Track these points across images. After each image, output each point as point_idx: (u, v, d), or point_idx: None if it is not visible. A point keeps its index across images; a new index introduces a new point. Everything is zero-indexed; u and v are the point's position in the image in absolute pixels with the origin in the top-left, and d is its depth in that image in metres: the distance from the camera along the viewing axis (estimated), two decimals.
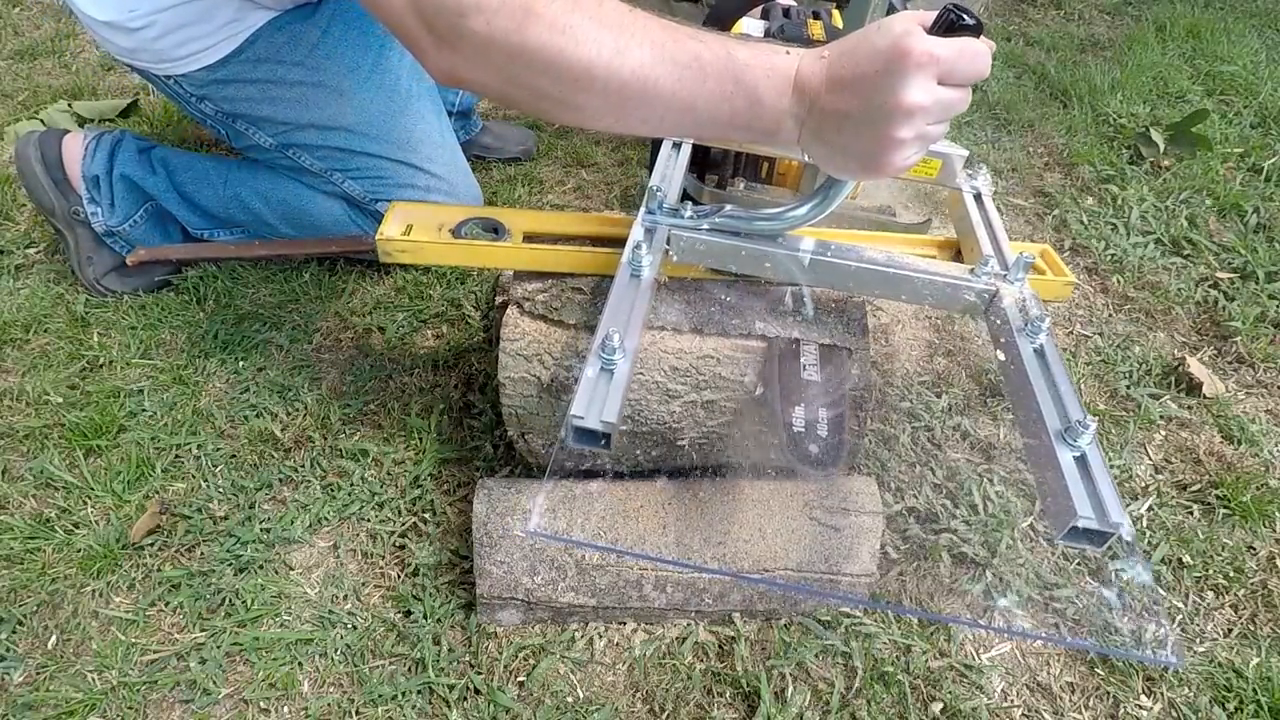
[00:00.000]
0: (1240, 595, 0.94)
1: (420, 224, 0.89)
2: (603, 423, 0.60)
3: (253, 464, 1.08)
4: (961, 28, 0.61)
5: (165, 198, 1.30)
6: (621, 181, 1.64)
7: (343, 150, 1.22)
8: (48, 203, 1.29)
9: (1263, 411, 1.17)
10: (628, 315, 0.70)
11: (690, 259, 0.83)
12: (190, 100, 1.19)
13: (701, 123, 0.69)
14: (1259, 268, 1.39)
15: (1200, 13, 2.41)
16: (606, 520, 0.88)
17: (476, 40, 0.66)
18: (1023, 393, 0.71)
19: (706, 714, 0.83)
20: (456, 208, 0.92)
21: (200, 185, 1.30)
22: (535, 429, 0.90)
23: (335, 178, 1.24)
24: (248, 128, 1.21)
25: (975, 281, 0.81)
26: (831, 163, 0.69)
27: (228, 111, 1.19)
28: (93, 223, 1.29)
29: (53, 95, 1.91)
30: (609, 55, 0.65)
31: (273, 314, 1.30)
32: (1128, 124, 1.80)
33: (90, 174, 1.28)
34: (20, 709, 0.83)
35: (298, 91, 1.17)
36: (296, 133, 1.20)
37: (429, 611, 0.91)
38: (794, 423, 0.78)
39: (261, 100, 1.17)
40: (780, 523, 0.89)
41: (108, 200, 1.28)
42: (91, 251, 1.31)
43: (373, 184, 1.25)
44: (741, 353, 0.84)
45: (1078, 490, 0.61)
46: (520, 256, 0.87)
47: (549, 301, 0.86)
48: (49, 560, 0.96)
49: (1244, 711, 0.83)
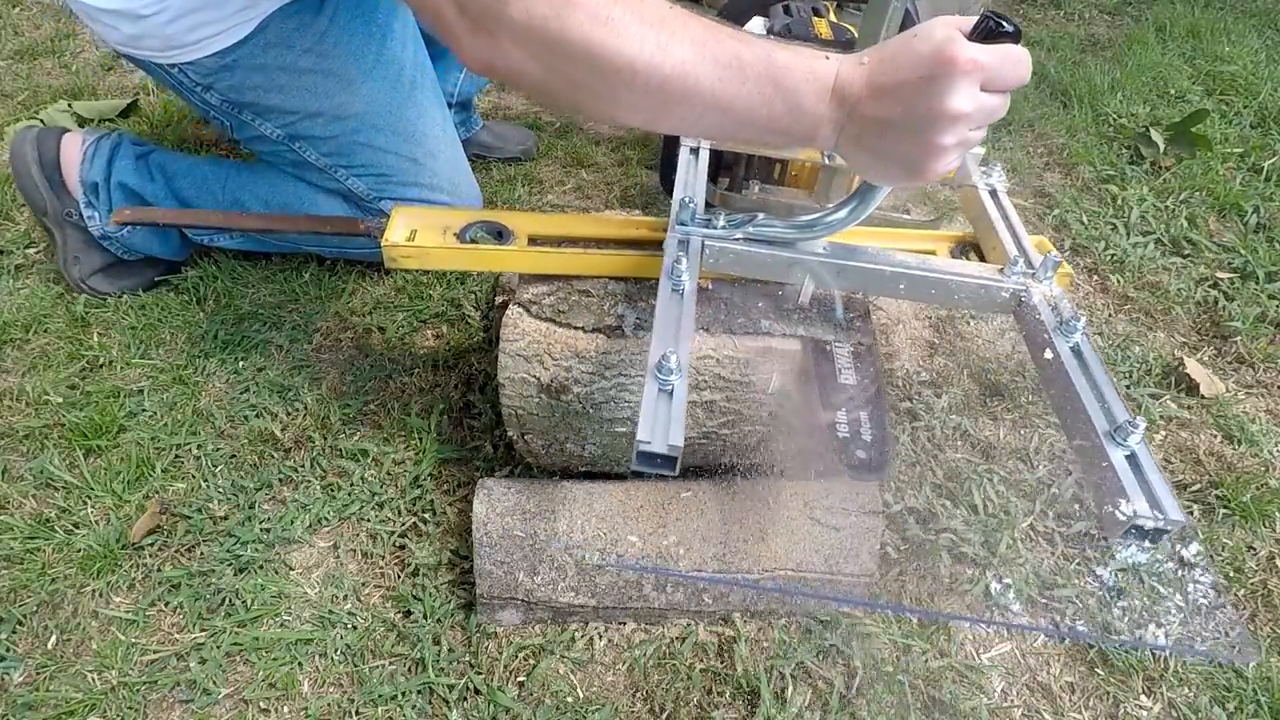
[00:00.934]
0: (1240, 595, 0.94)
1: (424, 228, 0.89)
2: (670, 447, 0.60)
3: (253, 464, 1.08)
4: (1001, 34, 0.60)
5: (165, 204, 1.30)
6: (621, 182, 1.64)
7: (349, 142, 1.21)
8: (40, 202, 1.28)
9: (1262, 411, 1.17)
10: (675, 331, 0.70)
11: (722, 268, 0.83)
12: (195, 90, 1.17)
13: (740, 124, 0.68)
14: (1259, 268, 1.39)
15: (1200, 13, 2.41)
16: (607, 520, 0.88)
17: (515, 28, 0.65)
18: (1067, 393, 0.70)
19: (706, 714, 0.83)
20: (460, 211, 0.92)
21: (199, 191, 1.30)
22: (535, 429, 0.90)
23: (339, 174, 1.24)
24: (253, 118, 1.19)
25: (1006, 281, 0.82)
26: (872, 169, 0.68)
27: (234, 101, 1.17)
28: (89, 227, 1.28)
29: (53, 95, 1.91)
30: (651, 50, 0.64)
31: (273, 314, 1.30)
32: (1128, 124, 1.80)
33: (89, 180, 1.27)
34: (20, 709, 0.83)
35: (307, 80, 1.15)
36: (304, 122, 1.19)
37: (429, 611, 0.91)
38: (838, 429, 0.77)
39: (270, 89, 1.16)
40: (780, 523, 0.89)
41: (106, 206, 1.27)
42: (79, 251, 1.30)
43: (377, 181, 1.24)
44: (741, 353, 0.84)
45: (1133, 488, 0.61)
46: (526, 260, 0.87)
47: (556, 305, 0.86)
48: (49, 560, 0.96)
49: (1244, 711, 0.83)
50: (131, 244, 1.30)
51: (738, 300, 0.88)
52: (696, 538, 0.88)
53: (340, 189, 1.26)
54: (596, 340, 0.83)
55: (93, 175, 1.27)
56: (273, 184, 1.28)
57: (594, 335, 0.84)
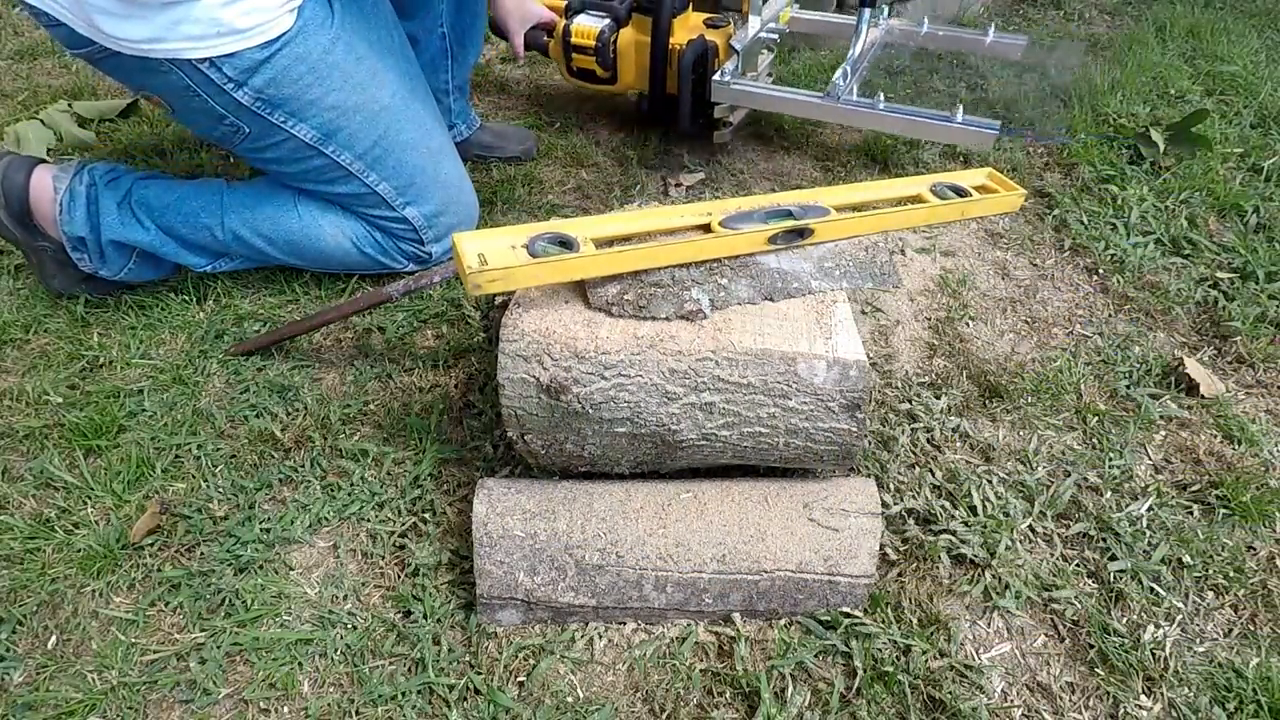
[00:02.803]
0: (1240, 595, 0.94)
1: (490, 251, 0.85)
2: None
3: (253, 464, 1.08)
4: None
5: (163, 250, 1.27)
6: (622, 181, 1.64)
7: (384, 141, 1.19)
8: (10, 236, 1.24)
9: (1263, 411, 1.17)
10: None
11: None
12: (223, 90, 1.08)
13: None
14: (1259, 268, 1.39)
15: (1200, 13, 2.41)
16: (607, 520, 0.88)
17: None
18: None
19: (706, 714, 0.83)
20: (513, 229, 0.90)
21: (193, 228, 1.26)
22: (535, 429, 0.90)
23: (370, 177, 1.21)
24: (287, 119, 1.13)
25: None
26: None
27: (270, 98, 1.10)
28: (80, 268, 1.25)
29: (53, 95, 1.91)
30: None
31: (272, 314, 1.30)
32: (1128, 124, 1.80)
33: (73, 235, 1.22)
34: (20, 709, 0.83)
35: (343, 72, 1.12)
36: (344, 119, 1.14)
37: (429, 611, 0.91)
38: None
39: (312, 82, 1.10)
40: (780, 524, 0.89)
41: (98, 256, 1.25)
42: (55, 271, 1.27)
43: (406, 184, 1.23)
44: (741, 355, 0.84)
45: None
46: (604, 263, 0.86)
47: (636, 301, 0.86)
48: (49, 560, 0.96)
49: (1244, 711, 0.84)
50: (128, 279, 1.29)
51: (786, 267, 0.92)
52: (696, 538, 0.88)
53: (364, 190, 1.24)
54: (597, 340, 0.83)
55: (76, 230, 1.22)
56: (272, 217, 1.26)
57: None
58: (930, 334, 1.29)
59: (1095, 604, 0.93)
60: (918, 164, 1.68)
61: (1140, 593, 0.94)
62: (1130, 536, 0.99)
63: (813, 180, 1.66)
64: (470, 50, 1.61)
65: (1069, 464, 1.08)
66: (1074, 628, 0.91)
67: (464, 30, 1.56)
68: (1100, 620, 0.91)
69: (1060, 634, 0.91)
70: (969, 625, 0.91)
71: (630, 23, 1.62)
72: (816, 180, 1.66)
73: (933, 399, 1.16)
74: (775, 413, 0.86)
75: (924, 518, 1.00)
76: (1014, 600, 0.92)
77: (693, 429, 0.88)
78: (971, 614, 0.92)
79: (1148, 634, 0.89)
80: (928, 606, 0.91)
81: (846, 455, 0.90)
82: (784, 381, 0.84)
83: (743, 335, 0.85)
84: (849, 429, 0.87)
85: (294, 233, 1.26)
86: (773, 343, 0.84)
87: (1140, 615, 0.92)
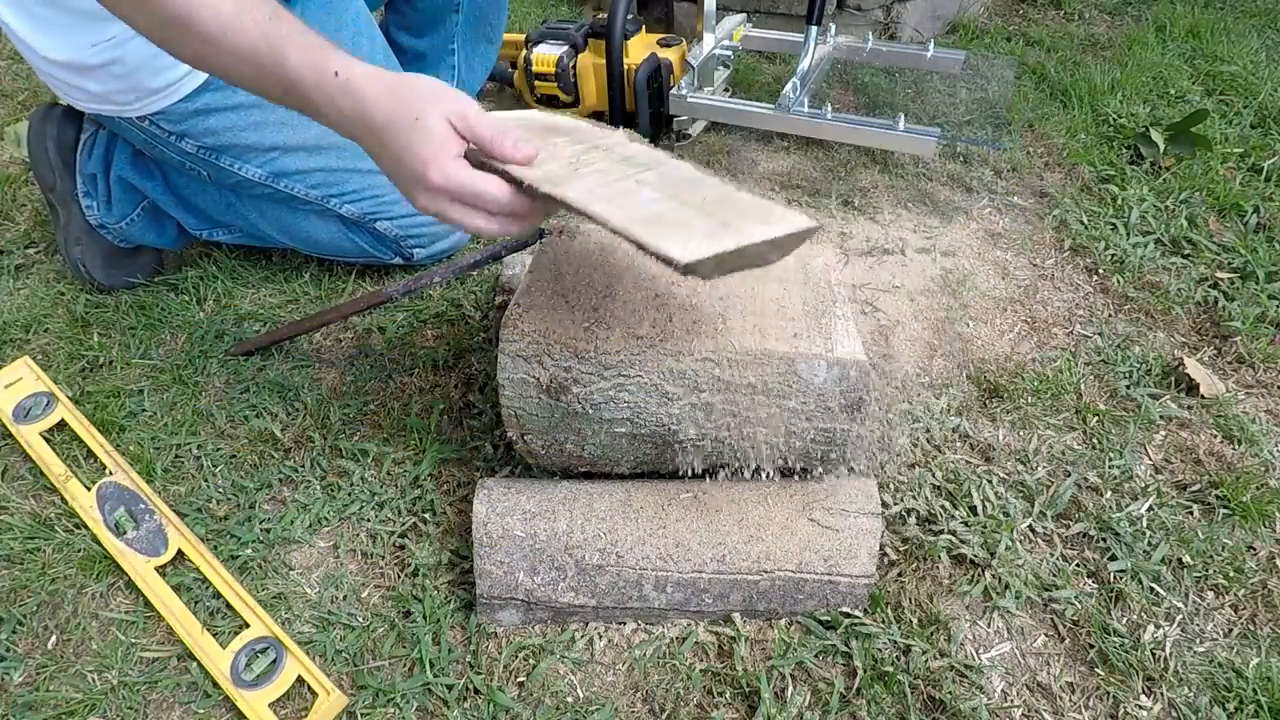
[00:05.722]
0: (1240, 595, 0.94)
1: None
2: None
3: (253, 464, 1.08)
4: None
5: (163, 200, 1.30)
6: None
7: (335, 170, 1.20)
8: (49, 178, 1.28)
9: (1263, 411, 1.17)
10: None
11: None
12: (169, 141, 1.14)
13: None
14: (1259, 268, 1.39)
15: (1200, 13, 2.41)
16: (607, 520, 0.88)
17: None
18: None
19: (706, 714, 0.83)
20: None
21: (197, 192, 1.29)
22: (535, 429, 0.90)
23: (332, 203, 1.23)
24: (233, 162, 1.17)
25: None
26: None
27: (211, 146, 1.15)
28: (87, 215, 1.28)
29: (53, 96, 1.91)
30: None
31: (272, 314, 1.30)
32: (1128, 124, 1.80)
33: (87, 171, 1.27)
34: (20, 709, 0.83)
35: (276, 113, 1.13)
36: (286, 158, 1.17)
37: (429, 612, 0.91)
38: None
39: (246, 126, 1.13)
40: (780, 524, 0.89)
41: (104, 198, 1.27)
42: (81, 233, 1.30)
43: (371, 204, 1.24)
44: (740, 356, 0.84)
45: None
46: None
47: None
48: (49, 560, 0.96)
49: (1244, 711, 0.83)
50: (129, 235, 1.30)
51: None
52: (696, 538, 0.88)
53: (333, 215, 1.25)
54: (597, 340, 0.83)
55: (91, 166, 1.26)
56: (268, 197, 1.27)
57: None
58: (930, 334, 1.29)
59: (1095, 604, 0.93)
60: (917, 163, 1.69)
61: (1140, 593, 0.93)
62: (1130, 536, 0.99)
63: (813, 180, 1.66)
64: (479, 70, 1.64)
65: (1069, 464, 1.08)
66: (1074, 628, 0.91)
67: (474, 50, 1.58)
68: (1100, 620, 0.91)
69: (1060, 634, 0.91)
70: (969, 625, 0.91)
71: (588, 48, 1.71)
72: (817, 180, 1.66)
73: (932, 399, 1.16)
74: (775, 413, 0.86)
75: (924, 518, 1.00)
76: (1014, 600, 0.92)
77: (693, 429, 0.88)
78: (971, 614, 0.92)
79: (1148, 634, 0.89)
80: (928, 606, 0.91)
81: (846, 456, 0.90)
82: (784, 382, 0.84)
83: (743, 335, 0.85)
84: (849, 429, 0.87)
85: (284, 213, 1.28)
86: (773, 343, 0.84)
87: (1140, 615, 0.92)
